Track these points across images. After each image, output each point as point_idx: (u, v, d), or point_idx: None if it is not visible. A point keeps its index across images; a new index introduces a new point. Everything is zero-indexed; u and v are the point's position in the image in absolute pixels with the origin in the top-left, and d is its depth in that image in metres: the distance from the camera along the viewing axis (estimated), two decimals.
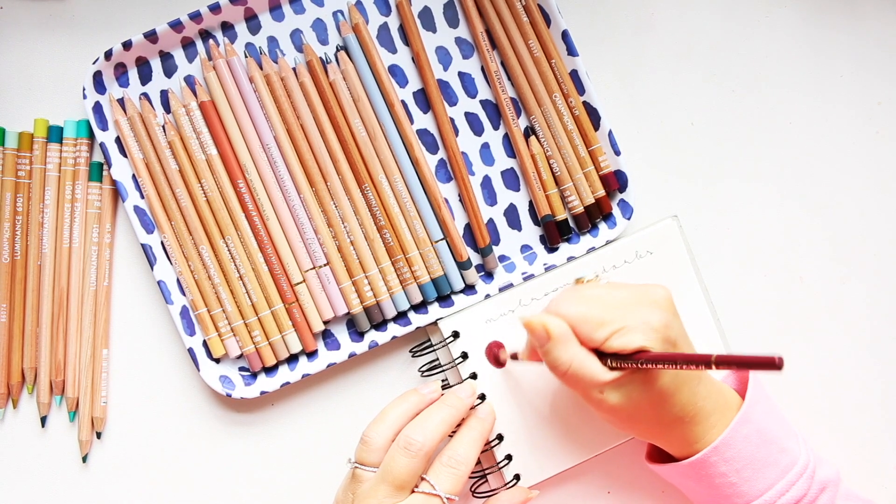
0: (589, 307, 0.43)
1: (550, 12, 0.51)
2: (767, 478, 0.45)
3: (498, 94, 0.52)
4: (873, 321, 0.55)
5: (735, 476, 0.45)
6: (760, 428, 0.45)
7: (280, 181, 0.51)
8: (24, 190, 0.51)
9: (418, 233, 0.51)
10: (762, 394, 0.47)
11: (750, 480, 0.45)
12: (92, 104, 0.50)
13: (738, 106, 0.55)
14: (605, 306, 0.43)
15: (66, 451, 0.52)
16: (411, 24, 0.51)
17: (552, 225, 0.52)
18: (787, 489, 0.45)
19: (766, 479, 0.45)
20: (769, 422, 0.46)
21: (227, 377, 0.51)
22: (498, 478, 0.52)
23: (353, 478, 0.45)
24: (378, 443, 0.45)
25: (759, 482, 0.45)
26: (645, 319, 0.42)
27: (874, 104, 0.56)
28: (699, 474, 0.45)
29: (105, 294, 0.52)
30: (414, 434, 0.44)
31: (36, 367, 0.51)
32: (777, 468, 0.45)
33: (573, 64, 0.51)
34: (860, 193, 0.55)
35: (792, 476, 0.45)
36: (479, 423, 0.48)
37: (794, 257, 0.55)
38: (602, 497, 0.54)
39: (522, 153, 0.52)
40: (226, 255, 0.51)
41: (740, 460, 0.44)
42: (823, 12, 0.55)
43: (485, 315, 0.51)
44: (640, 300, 0.43)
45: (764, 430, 0.45)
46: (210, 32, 0.51)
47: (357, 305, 0.51)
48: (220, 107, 0.50)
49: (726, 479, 0.45)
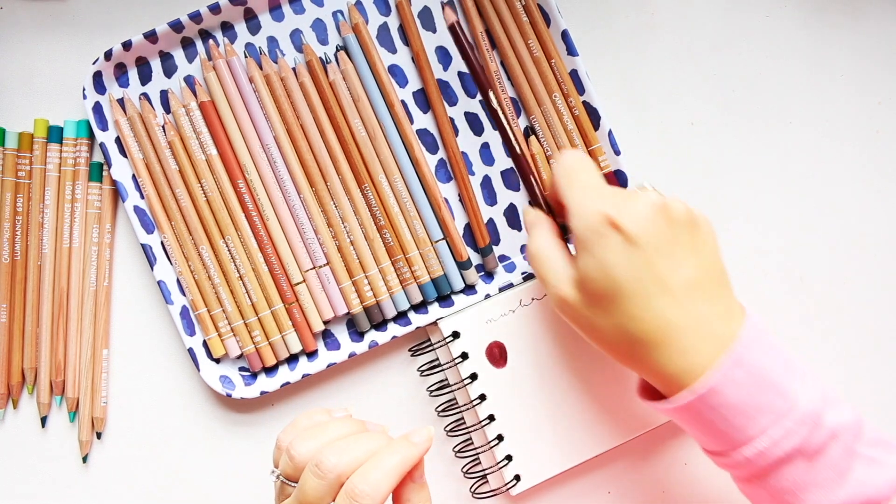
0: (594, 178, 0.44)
1: (550, 12, 0.51)
2: (760, 424, 0.40)
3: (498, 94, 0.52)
4: (874, 321, 0.55)
5: (723, 424, 0.41)
6: (754, 371, 0.40)
7: (280, 181, 0.51)
8: (24, 190, 0.51)
9: (418, 233, 0.51)
10: (759, 331, 0.42)
11: (740, 428, 0.40)
12: (92, 104, 0.50)
13: (738, 106, 0.55)
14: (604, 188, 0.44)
15: (66, 451, 0.52)
16: (411, 24, 0.51)
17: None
18: (784, 436, 0.40)
19: (759, 426, 0.40)
20: (766, 363, 0.41)
21: (227, 377, 0.51)
22: (498, 478, 0.52)
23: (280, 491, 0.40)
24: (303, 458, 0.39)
25: (750, 429, 0.40)
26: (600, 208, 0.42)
27: (874, 104, 0.56)
28: (682, 417, 0.42)
29: (105, 294, 0.52)
30: (328, 454, 0.38)
31: (36, 368, 0.51)
32: (773, 413, 0.40)
33: (573, 64, 0.51)
34: (860, 193, 0.55)
35: (789, 422, 0.40)
36: (406, 448, 0.39)
37: (794, 257, 0.55)
38: (602, 497, 0.54)
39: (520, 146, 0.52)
40: (226, 255, 0.51)
41: (728, 408, 0.40)
42: (823, 12, 0.55)
43: (485, 315, 0.51)
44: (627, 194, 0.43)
45: (758, 373, 0.40)
46: (210, 32, 0.51)
47: (357, 305, 0.51)
48: (220, 107, 0.50)
49: (713, 424, 0.41)
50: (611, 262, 0.41)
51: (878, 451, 0.41)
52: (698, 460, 0.54)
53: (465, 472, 0.52)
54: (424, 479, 0.40)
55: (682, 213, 0.42)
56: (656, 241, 0.41)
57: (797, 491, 0.40)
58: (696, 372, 0.41)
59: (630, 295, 0.41)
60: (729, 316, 0.42)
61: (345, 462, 0.37)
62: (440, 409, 0.52)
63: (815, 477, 0.40)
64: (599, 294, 0.42)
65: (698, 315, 0.41)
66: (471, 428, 0.51)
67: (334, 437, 0.39)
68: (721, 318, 0.41)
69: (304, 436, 0.39)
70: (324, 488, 0.37)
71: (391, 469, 0.37)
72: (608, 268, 0.41)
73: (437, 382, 0.52)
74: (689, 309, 0.41)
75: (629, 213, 0.42)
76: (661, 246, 0.41)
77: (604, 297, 0.42)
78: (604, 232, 0.41)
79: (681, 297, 0.41)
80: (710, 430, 0.41)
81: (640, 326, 0.41)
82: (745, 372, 0.40)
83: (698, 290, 0.42)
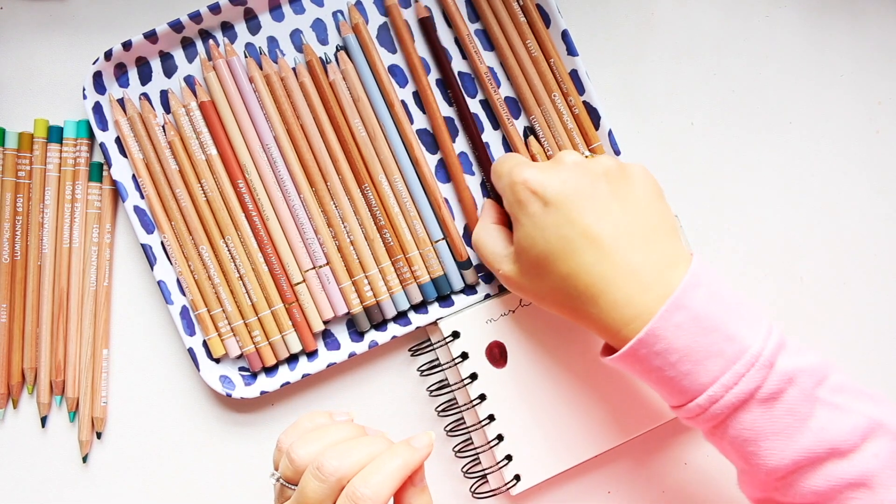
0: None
1: (550, 12, 0.51)
2: (710, 370, 0.39)
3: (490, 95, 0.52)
4: (874, 321, 0.55)
5: (671, 370, 0.40)
6: (698, 314, 0.39)
7: (280, 181, 0.51)
8: (24, 190, 0.51)
9: (418, 233, 0.51)
10: (703, 276, 0.41)
11: (690, 374, 0.40)
12: (92, 104, 0.50)
13: (738, 106, 0.55)
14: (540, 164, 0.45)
15: (66, 451, 0.52)
16: (403, 30, 0.51)
17: None
18: (735, 381, 0.39)
19: (709, 373, 0.39)
20: (711, 307, 0.40)
21: (227, 377, 0.51)
22: (498, 478, 0.52)
23: (279, 493, 0.40)
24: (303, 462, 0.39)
25: (701, 375, 0.39)
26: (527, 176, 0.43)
27: (874, 104, 0.56)
28: (634, 368, 0.41)
29: (105, 294, 0.52)
30: (329, 457, 0.37)
31: (36, 368, 0.51)
32: (722, 359, 0.39)
33: (573, 64, 0.51)
34: (860, 193, 0.55)
35: (740, 367, 0.39)
36: (407, 452, 0.38)
37: (794, 257, 0.55)
38: (602, 497, 0.54)
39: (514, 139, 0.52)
40: (226, 255, 0.51)
41: (674, 352, 0.39)
42: (823, 12, 0.55)
43: (485, 315, 0.51)
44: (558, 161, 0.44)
45: (703, 316, 0.39)
46: (210, 32, 0.51)
47: (357, 305, 0.51)
48: (220, 107, 0.50)
49: (662, 373, 0.40)
50: (536, 227, 0.42)
51: (843, 398, 0.40)
52: (698, 460, 0.54)
53: (465, 472, 0.52)
54: (425, 484, 0.40)
55: (603, 166, 0.43)
56: (575, 197, 0.42)
57: (757, 440, 0.40)
58: (638, 321, 0.40)
59: (558, 255, 0.42)
60: (669, 264, 0.41)
61: (346, 465, 0.37)
62: (440, 409, 0.52)
63: (773, 424, 0.39)
64: (532, 262, 0.43)
65: (630, 265, 0.41)
66: (471, 428, 0.51)
67: (335, 441, 0.39)
68: (658, 268, 0.41)
69: (305, 439, 0.39)
70: (325, 491, 0.37)
71: (392, 472, 0.37)
72: (535, 233, 0.42)
73: (437, 382, 0.52)
74: (618, 260, 0.41)
75: (546, 176, 0.43)
76: (581, 201, 0.42)
77: (537, 263, 0.43)
78: (525, 200, 0.43)
79: (609, 248, 0.41)
80: (663, 381, 0.41)
81: (573, 284, 0.42)
82: (687, 316, 0.39)
83: (628, 240, 0.41)
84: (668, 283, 0.40)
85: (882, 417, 0.40)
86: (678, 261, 0.42)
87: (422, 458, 0.39)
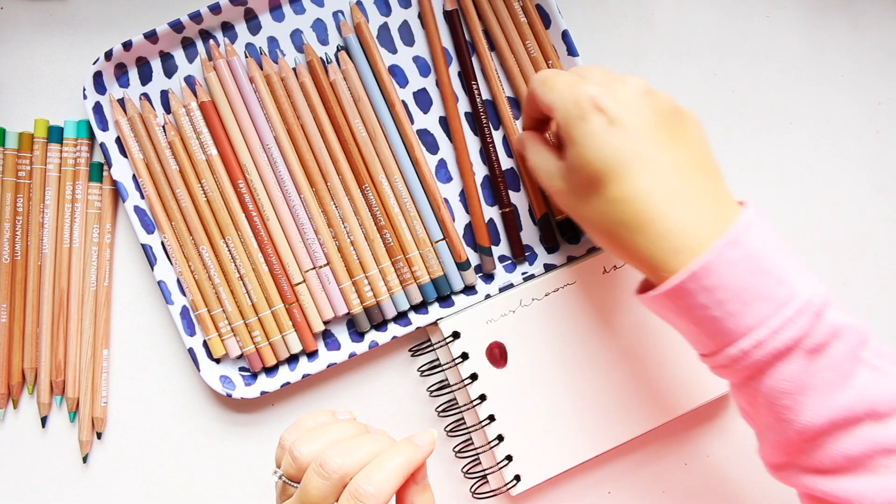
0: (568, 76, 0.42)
1: (550, 12, 0.51)
2: (758, 313, 0.37)
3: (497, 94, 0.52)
4: (874, 321, 0.55)
5: (717, 309, 0.37)
6: (753, 254, 0.37)
7: (280, 181, 0.51)
8: (24, 190, 0.51)
9: (418, 233, 0.51)
10: (760, 218, 0.39)
11: (736, 315, 0.37)
12: (92, 104, 0.50)
13: (738, 106, 0.55)
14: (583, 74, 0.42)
15: (66, 451, 0.52)
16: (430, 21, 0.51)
17: (552, 225, 0.52)
18: (783, 326, 0.37)
19: (757, 315, 0.37)
20: (766, 249, 0.38)
21: (228, 377, 0.51)
22: (498, 478, 0.52)
23: (282, 491, 0.40)
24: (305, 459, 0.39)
25: (747, 317, 0.37)
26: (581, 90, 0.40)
27: (874, 104, 0.56)
28: (676, 305, 0.39)
29: (105, 294, 0.52)
30: (332, 455, 0.37)
31: (36, 368, 0.51)
32: (772, 302, 0.37)
33: (573, 64, 0.51)
34: (860, 193, 0.55)
35: (789, 311, 0.37)
36: (410, 450, 0.38)
37: None
38: (602, 497, 0.54)
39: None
40: (226, 255, 0.51)
41: (724, 290, 0.37)
42: (823, 12, 0.55)
43: (485, 315, 0.51)
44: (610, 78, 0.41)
45: (759, 256, 0.38)
46: (210, 33, 0.51)
47: (357, 305, 0.51)
48: (221, 107, 0.50)
49: (707, 311, 0.38)
50: (594, 145, 0.40)
51: (884, 362, 0.39)
52: (698, 460, 0.54)
53: (465, 472, 0.52)
54: (427, 482, 0.40)
55: (668, 102, 0.41)
56: (641, 123, 0.40)
57: (795, 393, 0.38)
58: (688, 254, 0.38)
59: (613, 176, 0.39)
60: (721, 204, 0.39)
61: (349, 462, 0.37)
62: (440, 410, 0.52)
63: (814, 378, 0.37)
64: (585, 180, 0.41)
65: (686, 196, 0.39)
66: (471, 428, 0.51)
67: (338, 438, 0.39)
68: (713, 205, 0.39)
69: (308, 437, 0.39)
70: (327, 488, 0.37)
71: (395, 470, 0.37)
72: (592, 150, 0.40)
73: (438, 383, 0.52)
74: (675, 189, 0.39)
75: (613, 94, 0.40)
76: (647, 128, 0.40)
77: (589, 182, 0.40)
78: (587, 115, 0.40)
79: (667, 176, 0.39)
80: (704, 322, 0.38)
81: (624, 209, 0.39)
82: (742, 253, 0.37)
83: (686, 173, 0.40)
84: (722, 219, 0.39)
85: None
86: (730, 202, 0.40)
87: (424, 456, 0.39)
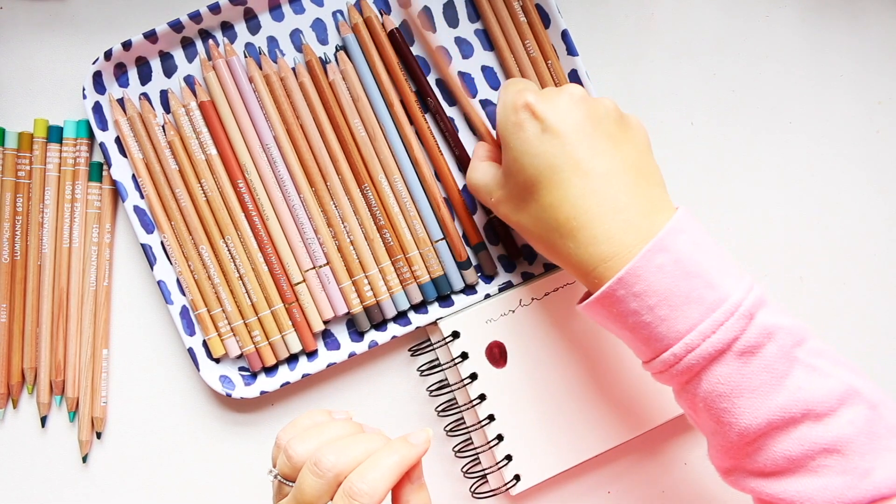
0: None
1: (550, 12, 0.51)
2: (689, 317, 0.38)
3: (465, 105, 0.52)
4: (874, 321, 0.55)
5: (648, 314, 0.38)
6: (681, 258, 0.38)
7: (280, 181, 0.51)
8: (24, 190, 0.51)
9: (418, 233, 0.51)
10: (688, 224, 0.40)
11: (667, 320, 0.38)
12: (92, 104, 0.50)
13: (738, 106, 0.55)
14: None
15: (66, 451, 0.52)
16: (368, 47, 0.51)
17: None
18: (714, 329, 0.37)
19: (688, 319, 0.38)
20: (694, 253, 0.38)
21: (227, 377, 0.51)
22: (497, 477, 0.52)
23: (277, 490, 0.40)
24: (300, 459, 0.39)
25: (678, 322, 0.38)
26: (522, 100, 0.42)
27: (874, 104, 0.56)
28: (609, 312, 0.40)
29: (105, 294, 0.52)
30: (326, 453, 0.37)
31: (36, 367, 0.51)
32: (701, 306, 0.38)
33: (573, 64, 0.51)
34: (860, 193, 0.55)
35: (720, 315, 0.37)
36: (404, 449, 0.38)
37: (794, 257, 0.55)
38: (602, 497, 0.54)
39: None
40: (226, 255, 0.51)
41: (653, 295, 0.38)
42: (823, 12, 0.55)
43: (485, 315, 0.51)
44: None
45: (686, 260, 0.38)
46: (210, 32, 0.51)
47: (357, 305, 0.51)
48: (220, 107, 0.50)
49: (639, 317, 0.39)
50: (528, 152, 0.41)
51: (821, 361, 0.39)
52: (698, 460, 0.54)
53: (464, 472, 0.52)
54: (423, 481, 0.40)
55: (606, 108, 0.42)
56: (575, 130, 0.41)
57: (731, 395, 0.38)
58: (616, 260, 0.39)
59: (545, 183, 0.41)
60: (654, 211, 0.40)
61: (343, 461, 0.37)
62: (440, 409, 0.52)
63: (749, 380, 0.38)
64: (519, 187, 0.42)
65: (616, 203, 0.40)
66: (471, 428, 0.51)
67: (333, 437, 0.39)
68: (643, 212, 0.40)
69: (303, 436, 0.39)
70: (322, 487, 0.37)
71: (389, 469, 0.37)
72: (525, 157, 0.41)
73: (437, 382, 0.52)
74: (605, 196, 0.40)
75: (550, 102, 0.42)
76: (579, 135, 0.41)
77: (523, 188, 0.42)
78: (522, 121, 0.42)
79: (596, 184, 0.40)
80: (638, 328, 0.39)
81: (554, 214, 0.41)
82: (669, 258, 0.38)
83: (618, 180, 0.41)
84: (652, 226, 0.39)
85: (858, 385, 0.39)
86: (664, 209, 0.41)
87: (419, 455, 0.39)
